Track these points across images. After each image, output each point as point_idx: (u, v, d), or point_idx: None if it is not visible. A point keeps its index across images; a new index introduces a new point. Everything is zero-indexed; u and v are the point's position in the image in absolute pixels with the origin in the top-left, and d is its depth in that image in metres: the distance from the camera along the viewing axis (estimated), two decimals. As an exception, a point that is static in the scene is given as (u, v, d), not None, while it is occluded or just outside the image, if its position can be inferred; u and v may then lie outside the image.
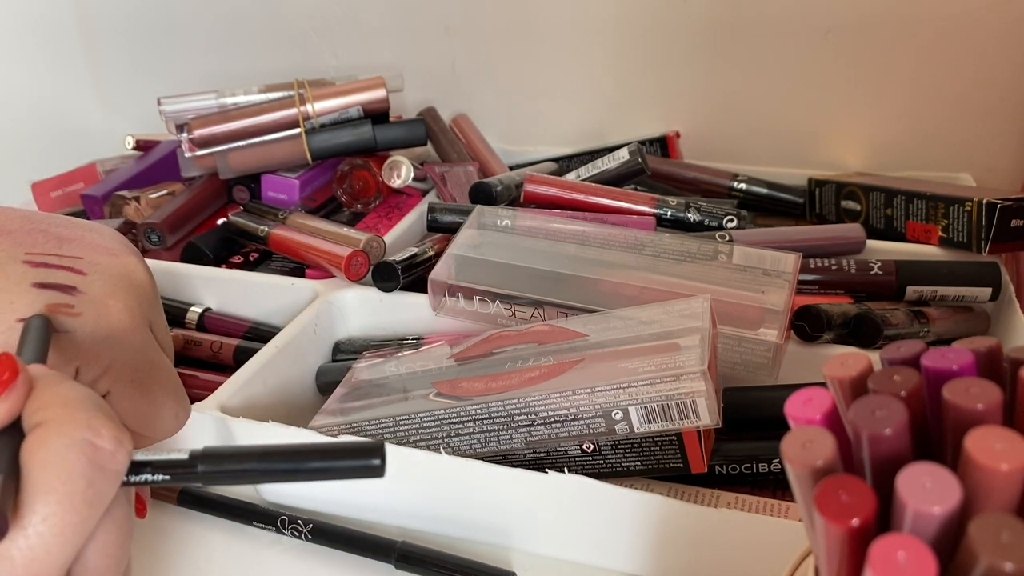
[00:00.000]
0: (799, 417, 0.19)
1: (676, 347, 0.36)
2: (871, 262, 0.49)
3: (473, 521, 0.39)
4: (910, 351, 0.20)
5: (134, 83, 0.87)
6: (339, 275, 0.51)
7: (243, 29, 0.80)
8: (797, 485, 0.19)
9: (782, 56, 0.66)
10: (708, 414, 0.34)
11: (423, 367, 0.42)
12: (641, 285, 0.43)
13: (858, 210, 0.58)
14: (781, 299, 0.42)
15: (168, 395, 0.32)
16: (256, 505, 0.41)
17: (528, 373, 0.38)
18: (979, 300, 0.49)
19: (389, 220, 0.61)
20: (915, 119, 0.65)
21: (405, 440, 0.38)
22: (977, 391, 0.17)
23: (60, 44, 0.88)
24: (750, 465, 0.39)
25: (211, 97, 0.63)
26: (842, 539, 0.17)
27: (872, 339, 0.44)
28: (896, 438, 0.17)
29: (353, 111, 0.62)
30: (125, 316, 0.31)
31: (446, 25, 0.74)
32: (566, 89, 0.73)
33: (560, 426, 0.36)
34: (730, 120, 0.70)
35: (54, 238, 0.32)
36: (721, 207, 0.52)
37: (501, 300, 0.45)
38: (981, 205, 0.49)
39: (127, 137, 0.73)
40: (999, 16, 0.60)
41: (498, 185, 0.55)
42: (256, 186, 0.64)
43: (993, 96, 0.63)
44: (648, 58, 0.70)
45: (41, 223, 0.32)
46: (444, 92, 0.76)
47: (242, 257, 0.59)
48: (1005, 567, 0.15)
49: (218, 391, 0.41)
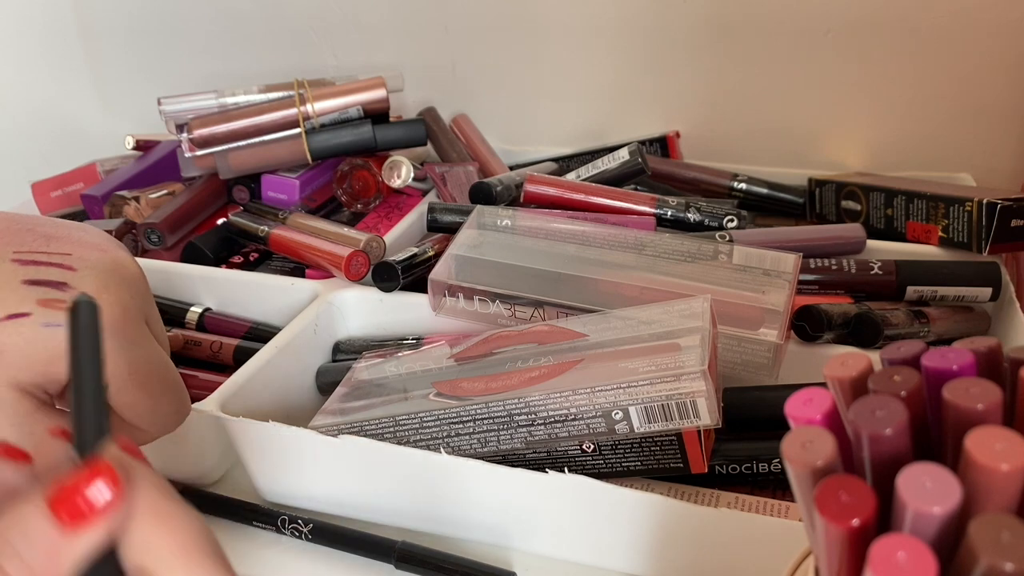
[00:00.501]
0: (799, 417, 0.19)
1: (676, 347, 0.36)
2: (871, 262, 0.49)
3: (473, 521, 0.39)
4: (910, 351, 0.20)
5: (134, 83, 0.87)
6: (339, 275, 0.51)
7: (243, 29, 0.80)
8: (797, 485, 0.19)
9: (782, 56, 0.66)
10: (708, 414, 0.34)
11: (423, 367, 0.42)
12: (641, 285, 0.43)
13: (858, 210, 0.58)
14: (781, 299, 0.42)
15: (167, 390, 0.32)
16: (256, 505, 0.41)
17: (528, 373, 0.38)
18: (979, 300, 0.49)
19: (389, 220, 0.61)
20: (915, 119, 0.65)
21: (405, 440, 0.38)
22: (977, 391, 0.17)
23: (60, 44, 0.88)
24: (750, 465, 0.39)
25: (211, 97, 0.63)
26: (842, 539, 0.17)
27: (872, 339, 0.44)
28: (896, 438, 0.17)
29: (353, 111, 0.62)
30: (118, 310, 0.31)
31: (446, 25, 0.74)
32: (566, 89, 0.73)
33: (560, 426, 0.36)
34: (730, 120, 0.70)
35: (41, 236, 0.32)
36: (721, 207, 0.52)
37: (501, 300, 0.45)
38: (981, 205, 0.49)
39: (127, 137, 0.73)
40: (999, 16, 0.60)
41: (498, 185, 0.55)
42: (256, 186, 0.64)
43: (993, 96, 0.63)
44: (648, 58, 0.70)
45: (27, 223, 0.32)
46: (444, 92, 0.76)
47: (242, 257, 0.59)
48: (1005, 567, 0.15)
49: (218, 391, 0.41)
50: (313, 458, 0.39)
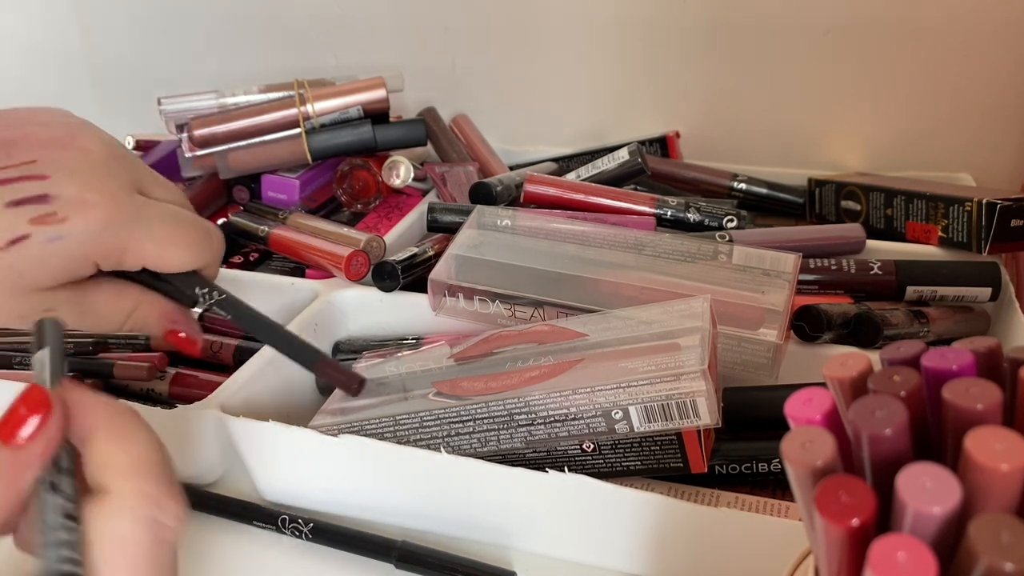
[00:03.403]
0: (799, 417, 0.19)
1: (676, 347, 0.36)
2: (871, 262, 0.49)
3: (473, 521, 0.39)
4: (910, 351, 0.20)
5: (134, 83, 0.87)
6: (339, 275, 0.51)
7: (243, 29, 0.80)
8: (797, 485, 0.19)
9: (782, 56, 0.66)
10: (708, 414, 0.34)
11: (423, 367, 0.42)
12: (641, 285, 0.44)
13: (858, 210, 0.58)
14: (781, 299, 0.42)
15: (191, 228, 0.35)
16: (256, 505, 0.41)
17: (528, 373, 0.38)
18: (979, 300, 0.49)
19: (389, 220, 0.61)
20: (915, 119, 0.65)
21: (405, 440, 0.38)
22: (977, 391, 0.17)
23: (60, 44, 0.88)
24: (750, 465, 0.39)
25: (211, 97, 0.63)
26: (842, 539, 0.17)
27: (872, 339, 0.44)
28: (896, 438, 0.17)
29: (353, 111, 0.62)
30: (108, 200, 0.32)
31: (446, 25, 0.74)
32: (566, 89, 0.73)
33: (560, 426, 0.36)
34: (730, 120, 0.70)
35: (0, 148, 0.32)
36: (721, 207, 0.52)
37: (501, 300, 0.45)
38: (981, 205, 0.49)
39: (127, 137, 0.73)
40: (999, 16, 0.60)
41: (498, 185, 0.55)
42: (256, 186, 0.64)
43: (993, 96, 0.63)
44: (648, 58, 0.70)
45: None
46: (444, 92, 0.76)
47: (242, 257, 0.59)
48: (1005, 567, 0.15)
49: (218, 391, 0.41)
50: (313, 458, 0.39)
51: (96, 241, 0.32)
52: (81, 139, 0.33)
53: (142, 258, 0.34)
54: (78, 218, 0.31)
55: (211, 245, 0.36)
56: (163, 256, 0.34)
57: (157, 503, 0.23)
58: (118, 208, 0.32)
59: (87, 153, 0.33)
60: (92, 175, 0.32)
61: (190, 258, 0.35)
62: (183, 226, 0.35)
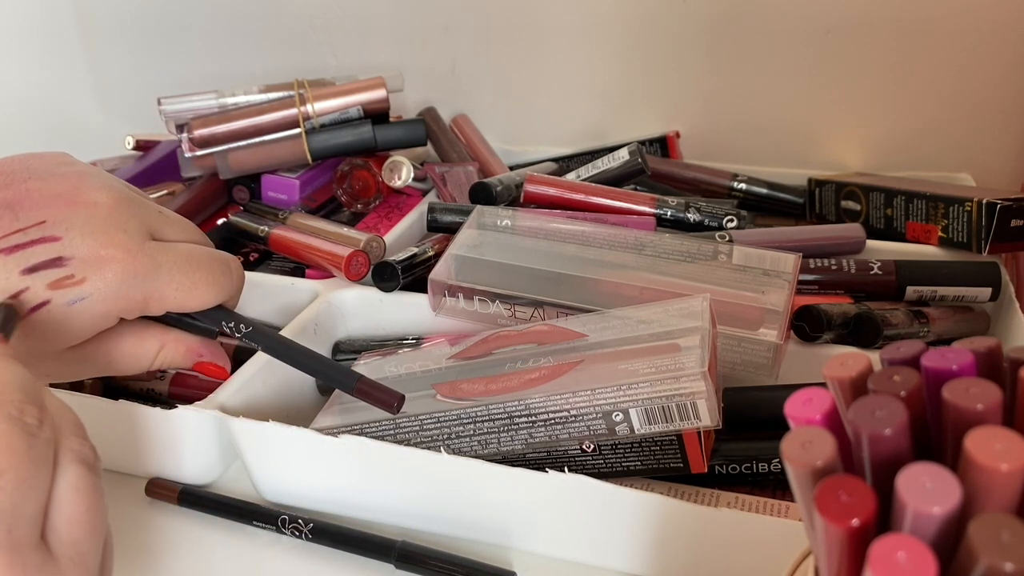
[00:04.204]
0: (799, 417, 0.19)
1: (676, 348, 0.36)
2: (871, 262, 0.49)
3: (473, 521, 0.39)
4: (910, 351, 0.20)
5: (134, 83, 0.87)
6: (339, 275, 0.51)
7: (243, 29, 0.80)
8: (797, 485, 0.19)
9: (782, 56, 0.66)
10: (708, 415, 0.34)
11: (423, 367, 0.42)
12: (641, 285, 0.43)
13: (858, 210, 0.58)
14: (781, 299, 0.42)
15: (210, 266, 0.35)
16: (256, 505, 0.41)
17: (528, 375, 0.38)
18: (979, 300, 0.49)
19: (389, 220, 0.61)
20: (915, 119, 0.65)
21: (405, 442, 0.38)
22: (977, 391, 0.17)
23: (60, 44, 0.88)
24: (750, 465, 0.39)
25: (211, 97, 0.63)
26: (842, 539, 0.17)
27: (872, 339, 0.44)
28: (896, 438, 0.17)
29: (353, 111, 0.62)
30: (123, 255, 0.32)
31: (446, 25, 0.74)
32: (566, 89, 0.73)
33: (560, 427, 0.36)
34: (730, 120, 0.70)
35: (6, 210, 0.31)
36: (721, 207, 0.52)
37: (501, 300, 0.45)
38: (981, 205, 0.49)
39: (127, 137, 0.73)
40: (999, 16, 0.60)
41: (498, 185, 0.55)
42: (256, 186, 0.64)
43: (993, 96, 0.63)
44: (648, 58, 0.70)
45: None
46: (444, 92, 0.76)
47: (242, 257, 0.59)
48: (1005, 567, 0.15)
49: (218, 391, 0.41)
50: (313, 458, 0.39)
51: (117, 297, 0.32)
52: (86, 192, 0.33)
53: (164, 305, 0.34)
54: (96, 277, 0.31)
55: (231, 278, 0.36)
56: (186, 299, 0.34)
57: (17, 407, 0.24)
58: (134, 261, 0.32)
59: (95, 207, 0.32)
60: (103, 230, 0.32)
61: (212, 296, 0.35)
62: (202, 266, 0.35)
